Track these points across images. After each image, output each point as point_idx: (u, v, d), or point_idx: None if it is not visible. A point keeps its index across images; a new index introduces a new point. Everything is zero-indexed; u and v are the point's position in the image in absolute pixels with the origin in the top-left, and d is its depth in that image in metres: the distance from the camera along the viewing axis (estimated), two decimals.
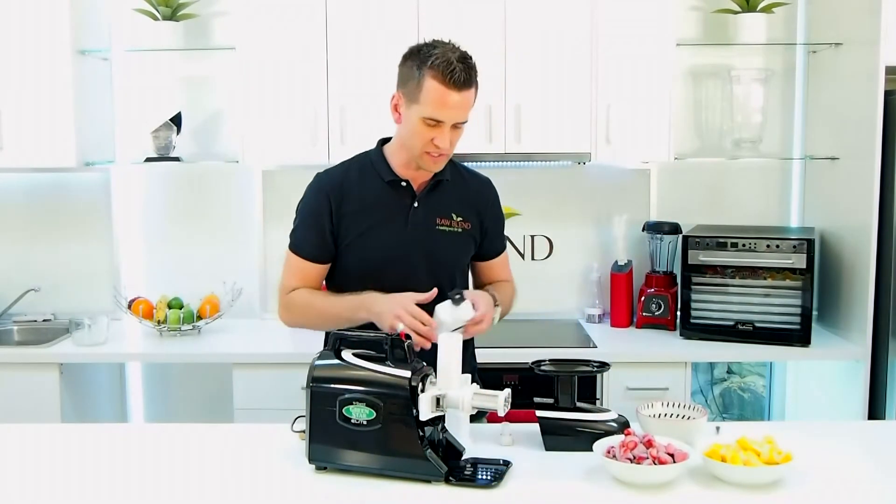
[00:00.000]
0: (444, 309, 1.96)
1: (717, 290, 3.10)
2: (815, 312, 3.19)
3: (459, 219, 2.16)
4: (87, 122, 3.26)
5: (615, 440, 1.78)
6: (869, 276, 2.93)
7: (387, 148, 2.17)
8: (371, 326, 1.98)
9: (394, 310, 1.93)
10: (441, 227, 2.14)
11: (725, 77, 3.44)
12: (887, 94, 2.88)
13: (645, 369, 2.97)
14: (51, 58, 3.15)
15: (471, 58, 2.00)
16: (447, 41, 2.01)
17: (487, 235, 2.24)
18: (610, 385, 2.95)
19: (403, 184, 2.13)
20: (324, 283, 2.24)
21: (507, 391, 1.78)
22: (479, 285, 2.33)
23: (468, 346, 2.23)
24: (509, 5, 3.09)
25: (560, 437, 1.91)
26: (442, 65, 1.93)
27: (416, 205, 2.13)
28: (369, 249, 2.12)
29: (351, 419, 1.74)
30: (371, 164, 2.16)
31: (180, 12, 3.32)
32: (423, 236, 2.13)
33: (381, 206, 2.13)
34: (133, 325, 3.35)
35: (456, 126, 2.01)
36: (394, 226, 2.12)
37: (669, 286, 3.32)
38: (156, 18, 3.31)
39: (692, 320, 3.13)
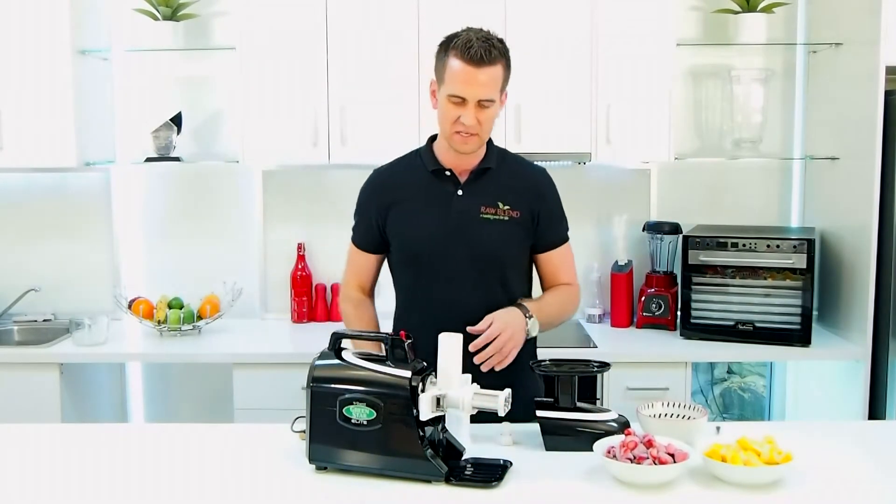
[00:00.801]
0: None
1: (718, 290, 3.10)
2: (815, 312, 3.19)
3: (506, 207, 2.13)
4: (87, 122, 3.26)
5: (615, 440, 1.78)
6: (869, 276, 2.93)
7: (436, 140, 2.20)
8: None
9: None
10: (485, 216, 2.12)
11: (725, 77, 3.44)
12: (887, 94, 2.88)
13: (645, 369, 2.97)
14: (51, 58, 3.15)
15: (496, 39, 2.04)
16: (480, 28, 2.07)
17: (540, 225, 2.18)
18: (610, 385, 2.95)
19: (447, 173, 2.15)
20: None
21: (508, 391, 1.77)
22: (542, 285, 2.26)
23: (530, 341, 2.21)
24: (509, 5, 3.09)
25: (560, 437, 1.90)
26: (462, 43, 2.01)
27: (459, 192, 2.14)
28: (412, 236, 2.15)
29: (351, 419, 1.74)
30: (419, 156, 2.20)
31: (180, 12, 3.32)
32: (466, 224, 2.12)
33: (425, 194, 2.15)
34: (133, 325, 3.35)
35: (482, 105, 2.02)
36: (436, 213, 2.13)
37: (669, 286, 3.32)
38: (156, 18, 3.31)
39: (692, 320, 3.13)
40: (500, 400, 1.76)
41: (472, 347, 1.93)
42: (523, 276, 2.22)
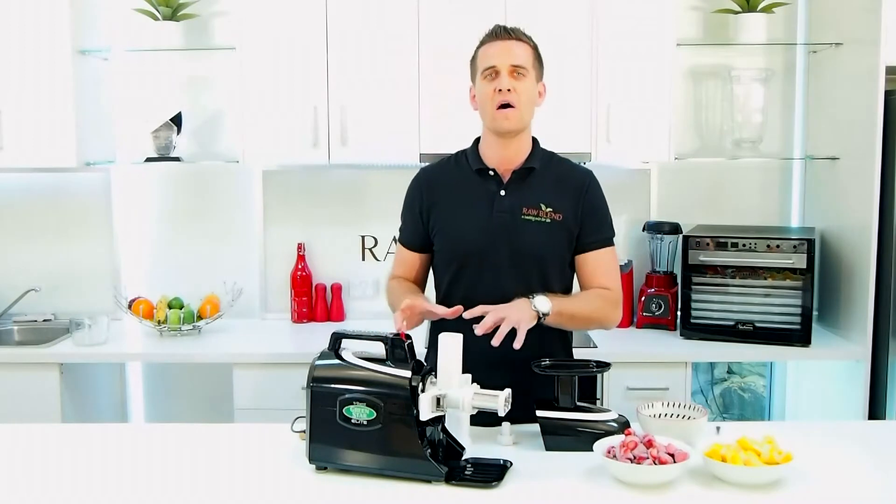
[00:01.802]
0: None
1: (718, 290, 3.10)
2: (815, 312, 3.19)
3: (549, 209, 2.12)
4: (87, 122, 3.26)
5: (615, 440, 1.78)
6: (869, 276, 2.94)
7: (480, 141, 2.21)
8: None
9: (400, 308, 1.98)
10: (527, 217, 2.11)
11: (725, 77, 3.44)
12: (887, 94, 2.88)
13: (645, 369, 2.97)
14: (51, 58, 3.15)
15: (519, 28, 2.13)
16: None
17: (582, 227, 2.15)
18: (610, 385, 2.95)
19: (491, 172, 2.15)
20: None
21: (508, 391, 1.77)
22: (581, 288, 2.21)
23: (566, 337, 2.21)
24: (509, 5, 3.09)
25: (560, 437, 1.91)
26: (486, 33, 2.13)
27: (502, 193, 2.14)
28: (453, 235, 2.15)
29: (351, 419, 1.74)
30: (465, 156, 2.22)
31: (180, 12, 3.32)
32: (507, 225, 2.11)
33: (469, 194, 2.16)
34: (133, 325, 3.35)
35: (515, 76, 2.06)
36: (479, 213, 2.13)
37: (670, 286, 3.32)
38: (156, 18, 3.31)
39: (692, 320, 3.13)
40: (500, 400, 1.75)
41: (466, 315, 1.94)
42: (564, 278, 2.19)
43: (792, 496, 1.66)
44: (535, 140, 2.20)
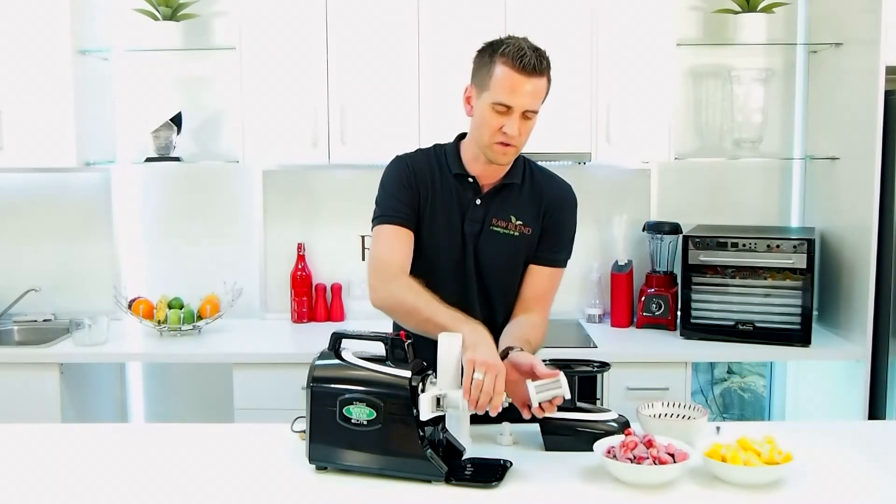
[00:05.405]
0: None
1: (718, 290, 3.10)
2: (815, 312, 3.19)
3: (519, 222, 2.09)
4: (87, 122, 3.26)
5: (615, 440, 1.78)
6: (869, 276, 2.94)
7: (462, 142, 2.13)
8: None
9: (488, 362, 1.74)
10: (495, 228, 2.08)
11: (725, 77, 3.44)
12: (887, 94, 2.88)
13: (645, 369, 2.97)
14: (51, 58, 3.15)
15: (543, 50, 1.98)
16: (525, 37, 1.99)
17: (543, 237, 2.11)
18: (610, 385, 2.95)
19: (470, 179, 2.09)
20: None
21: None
22: (518, 300, 2.15)
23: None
24: (509, 5, 3.09)
25: (560, 437, 1.90)
26: (512, 51, 1.92)
27: (477, 202, 2.09)
28: (426, 239, 2.10)
29: (351, 419, 1.74)
30: (444, 156, 2.13)
31: (180, 12, 3.33)
32: (476, 234, 2.08)
33: (445, 198, 2.09)
34: (133, 325, 3.35)
35: (526, 116, 1.96)
36: (452, 219, 2.09)
37: (670, 286, 3.32)
38: (156, 18, 3.31)
39: (692, 320, 3.13)
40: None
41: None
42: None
43: (792, 496, 1.66)
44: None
